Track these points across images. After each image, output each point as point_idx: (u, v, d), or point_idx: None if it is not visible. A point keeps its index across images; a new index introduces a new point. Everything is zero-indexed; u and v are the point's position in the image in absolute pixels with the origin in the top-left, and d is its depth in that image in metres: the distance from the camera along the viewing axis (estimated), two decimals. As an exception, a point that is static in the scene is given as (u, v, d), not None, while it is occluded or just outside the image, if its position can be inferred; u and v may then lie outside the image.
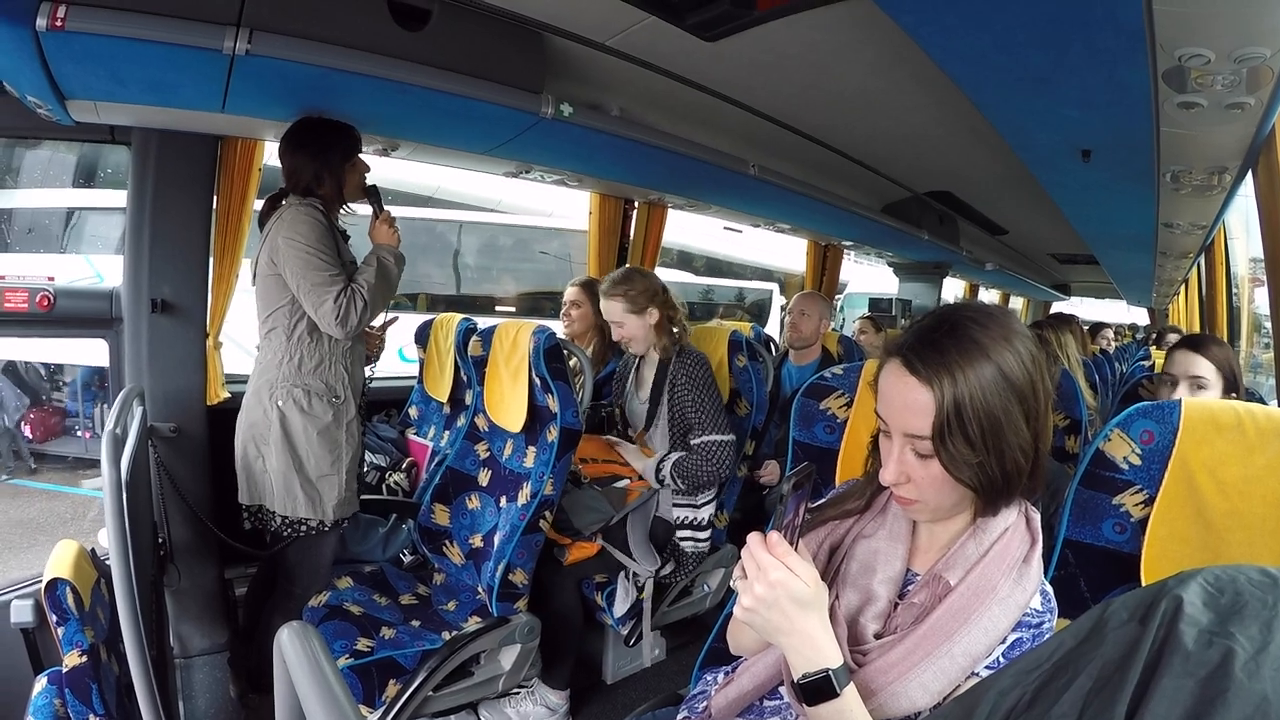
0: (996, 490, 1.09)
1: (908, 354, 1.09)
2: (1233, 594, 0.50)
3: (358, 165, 2.64)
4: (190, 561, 2.68)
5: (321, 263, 2.41)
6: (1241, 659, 0.45)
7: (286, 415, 2.48)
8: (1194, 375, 2.47)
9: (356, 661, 2.19)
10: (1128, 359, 7.01)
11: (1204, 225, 3.93)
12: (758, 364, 3.24)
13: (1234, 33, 1.70)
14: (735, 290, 14.63)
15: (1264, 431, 1.32)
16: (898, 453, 1.11)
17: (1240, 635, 0.46)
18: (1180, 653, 0.46)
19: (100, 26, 1.84)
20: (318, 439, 2.50)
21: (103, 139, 2.72)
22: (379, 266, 2.54)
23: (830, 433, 1.83)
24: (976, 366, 1.05)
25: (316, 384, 2.51)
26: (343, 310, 2.42)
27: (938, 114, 3.28)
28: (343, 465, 2.55)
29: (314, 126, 2.52)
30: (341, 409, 2.56)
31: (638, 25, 2.46)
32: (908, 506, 1.15)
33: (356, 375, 2.65)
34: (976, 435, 1.04)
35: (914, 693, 1.06)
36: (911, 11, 1.88)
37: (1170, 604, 0.50)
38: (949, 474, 1.07)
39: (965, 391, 1.04)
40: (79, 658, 1.47)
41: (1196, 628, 0.47)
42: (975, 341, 1.06)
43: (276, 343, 2.52)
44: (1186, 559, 1.38)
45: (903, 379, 1.09)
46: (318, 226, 2.43)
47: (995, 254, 7.82)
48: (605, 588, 2.86)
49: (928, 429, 1.06)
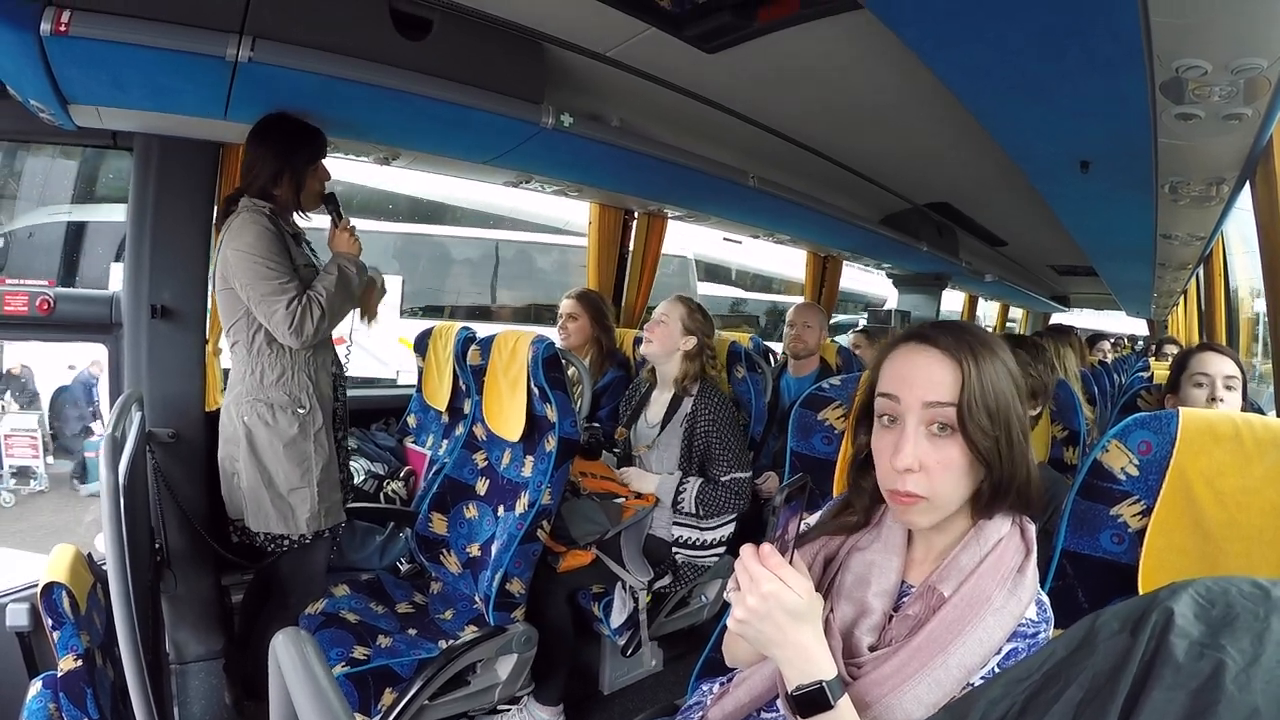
0: (1004, 476, 1.10)
1: (927, 333, 1.13)
2: (1224, 606, 0.50)
3: (320, 171, 2.58)
4: (187, 567, 2.67)
5: (269, 271, 2.36)
6: (1233, 671, 0.44)
7: (252, 430, 2.45)
8: (1228, 375, 2.47)
9: (353, 669, 2.18)
10: (1126, 370, 7.02)
11: (1202, 236, 3.94)
12: (756, 375, 3.25)
13: (1231, 44, 1.71)
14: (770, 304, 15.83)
15: (1262, 442, 1.32)
16: (913, 434, 1.10)
17: (1231, 647, 0.46)
18: (1171, 664, 0.46)
19: (104, 32, 1.85)
20: (284, 452, 2.46)
21: (105, 144, 2.72)
22: (339, 275, 2.48)
23: (828, 444, 1.82)
24: (989, 351, 1.10)
25: (279, 396, 2.47)
26: (296, 319, 2.36)
27: (937, 126, 3.28)
28: (313, 477, 2.51)
29: (283, 123, 2.47)
30: (308, 420, 2.51)
31: (638, 37, 2.47)
32: (911, 506, 1.13)
33: (323, 383, 2.58)
34: (995, 408, 1.08)
35: (909, 705, 1.06)
36: (912, 24, 1.88)
37: (1161, 616, 0.50)
38: (969, 448, 1.08)
39: (986, 368, 1.08)
40: (74, 662, 1.47)
41: (1188, 639, 0.47)
42: (982, 336, 1.12)
43: (239, 356, 2.49)
44: (1184, 569, 1.37)
45: (925, 353, 1.12)
46: (265, 234, 2.37)
47: (994, 265, 7.83)
48: (602, 598, 2.86)
49: (953, 396, 1.08)
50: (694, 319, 2.99)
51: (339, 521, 2.61)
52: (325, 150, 2.57)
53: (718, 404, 2.90)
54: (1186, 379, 2.53)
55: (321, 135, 2.55)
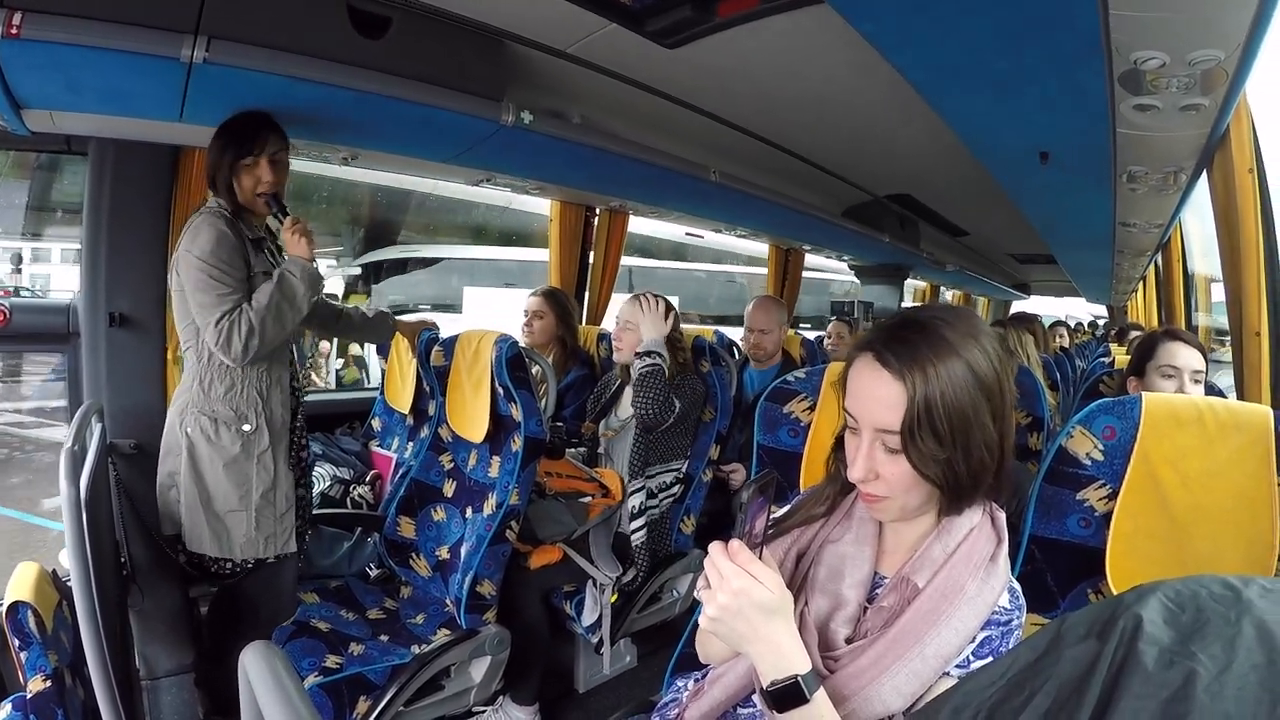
0: (962, 488, 1.10)
1: (879, 349, 1.10)
2: (1194, 610, 0.49)
3: (256, 168, 2.36)
4: (153, 581, 2.59)
5: (210, 281, 2.23)
6: (1204, 680, 0.44)
7: (195, 444, 2.34)
8: (1197, 369, 2.49)
9: (326, 679, 2.15)
10: (1088, 356, 7.10)
11: (1160, 224, 3.99)
12: (721, 369, 3.24)
13: (1188, 36, 1.72)
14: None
15: (1224, 425, 1.35)
16: (866, 448, 1.11)
17: (1203, 655, 0.46)
18: (1140, 673, 0.46)
19: (57, 34, 1.81)
20: (224, 472, 2.33)
21: (59, 149, 2.67)
22: (278, 283, 2.31)
23: (794, 436, 1.83)
24: (947, 362, 1.06)
25: (225, 411, 2.34)
26: (224, 335, 2.23)
27: (898, 118, 3.30)
28: (252, 501, 2.36)
29: (230, 120, 2.36)
30: (252, 439, 2.36)
31: (598, 32, 2.45)
32: (874, 504, 1.15)
33: (274, 401, 2.43)
34: (945, 431, 1.05)
35: (887, 696, 1.07)
36: (871, 19, 1.88)
37: (1129, 622, 0.49)
38: (916, 471, 1.08)
39: (936, 387, 1.05)
40: (43, 683, 1.44)
41: (1157, 647, 0.47)
42: (944, 338, 1.07)
43: (190, 362, 2.39)
44: (1151, 552, 1.40)
45: (874, 373, 1.09)
46: (219, 238, 2.25)
47: (956, 255, 7.90)
48: (574, 596, 2.86)
49: (897, 424, 1.06)
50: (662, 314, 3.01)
51: (286, 551, 2.46)
52: (255, 147, 2.37)
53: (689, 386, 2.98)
54: (1154, 368, 2.54)
55: (256, 132, 2.38)
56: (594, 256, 4.81)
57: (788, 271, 6.80)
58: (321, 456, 3.39)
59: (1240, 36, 1.71)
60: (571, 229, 4.61)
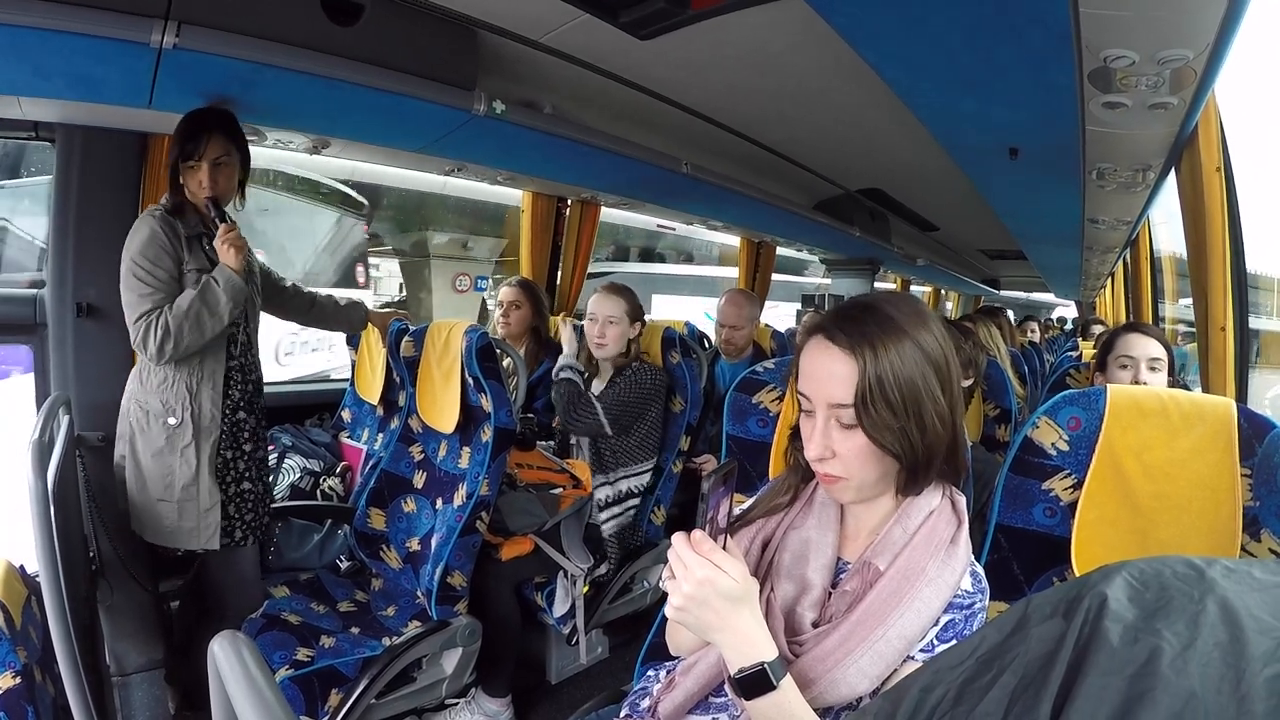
0: (919, 460, 1.12)
1: (829, 328, 1.12)
2: (1158, 589, 0.50)
3: (198, 171, 2.32)
4: (121, 576, 2.55)
5: (134, 280, 2.24)
6: (1169, 656, 0.45)
7: (134, 432, 2.37)
8: (1153, 357, 2.50)
9: (297, 672, 2.14)
10: (1056, 350, 7.18)
11: (1129, 220, 4.03)
12: (691, 360, 3.25)
13: (1157, 35, 1.74)
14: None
15: (1187, 415, 1.37)
16: (822, 426, 1.13)
17: (1167, 631, 0.46)
18: (1105, 650, 0.46)
19: (24, 18, 1.78)
20: (152, 462, 2.35)
21: (26, 136, 2.63)
22: (201, 291, 2.28)
23: (763, 426, 1.84)
24: (894, 337, 1.09)
25: (154, 403, 2.34)
26: (141, 335, 2.24)
27: (870, 113, 3.31)
28: (175, 493, 2.35)
29: (188, 119, 2.32)
30: (176, 434, 2.34)
31: (571, 23, 2.45)
32: (833, 485, 1.17)
33: (204, 398, 2.39)
34: (897, 399, 1.07)
35: (853, 678, 1.08)
36: (843, 14, 1.89)
37: (1094, 600, 0.50)
38: (873, 442, 1.09)
39: (885, 360, 1.07)
40: (12, 680, 1.42)
41: (1122, 624, 0.47)
42: (890, 317, 1.11)
43: (139, 353, 2.37)
44: (1115, 540, 1.42)
45: (826, 351, 1.12)
46: (148, 235, 2.25)
47: (926, 250, 7.94)
48: (545, 588, 2.85)
49: (850, 397, 1.08)
50: (633, 304, 3.02)
51: (213, 546, 2.41)
52: (196, 151, 2.32)
53: (640, 372, 2.98)
54: (1113, 360, 2.56)
55: (199, 135, 2.32)
56: (565, 247, 4.81)
57: (759, 265, 6.80)
58: (291, 448, 3.37)
59: (1209, 36, 1.73)
60: (543, 219, 4.61)
